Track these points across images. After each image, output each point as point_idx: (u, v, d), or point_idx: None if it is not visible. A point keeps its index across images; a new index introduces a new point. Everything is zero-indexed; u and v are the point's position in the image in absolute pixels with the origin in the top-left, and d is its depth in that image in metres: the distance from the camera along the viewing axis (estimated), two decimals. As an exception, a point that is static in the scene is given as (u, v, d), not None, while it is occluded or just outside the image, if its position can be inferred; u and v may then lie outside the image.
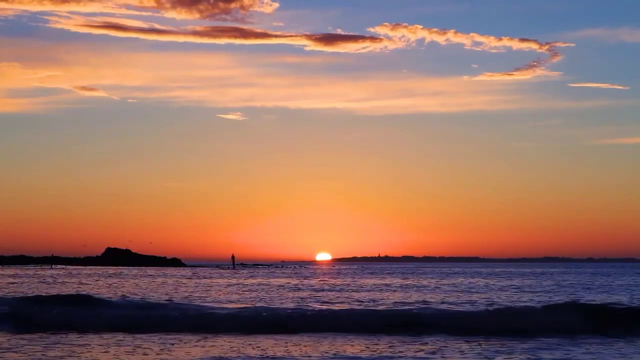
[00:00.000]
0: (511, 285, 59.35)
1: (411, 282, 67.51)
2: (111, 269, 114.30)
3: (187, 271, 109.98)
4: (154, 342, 22.20)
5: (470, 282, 65.41)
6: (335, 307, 33.78)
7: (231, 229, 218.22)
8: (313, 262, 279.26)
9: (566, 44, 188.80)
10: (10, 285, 57.08)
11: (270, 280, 72.96)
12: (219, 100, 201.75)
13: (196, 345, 21.49)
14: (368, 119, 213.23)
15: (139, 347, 21.23)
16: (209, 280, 70.49)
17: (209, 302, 37.63)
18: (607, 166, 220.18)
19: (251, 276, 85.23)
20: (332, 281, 68.88)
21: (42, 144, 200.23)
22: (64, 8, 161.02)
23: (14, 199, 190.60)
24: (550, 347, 21.08)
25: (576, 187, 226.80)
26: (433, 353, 20.11)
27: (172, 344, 21.73)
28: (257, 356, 19.57)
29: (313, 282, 67.55)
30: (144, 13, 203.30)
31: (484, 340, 22.40)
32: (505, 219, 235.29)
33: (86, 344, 21.59)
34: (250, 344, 21.75)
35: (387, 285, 60.09)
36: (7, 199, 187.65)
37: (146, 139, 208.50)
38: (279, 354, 19.81)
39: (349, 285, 60.30)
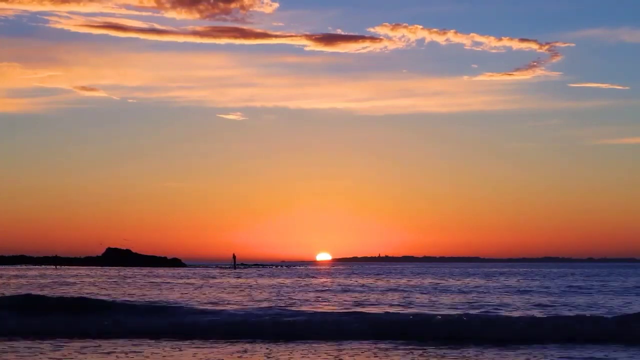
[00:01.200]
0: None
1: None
2: (112, 270, 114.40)
3: (179, 271, 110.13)
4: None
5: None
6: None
7: (231, 229, 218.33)
8: (313, 262, 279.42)
9: (566, 44, 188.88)
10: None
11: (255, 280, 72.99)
12: (219, 100, 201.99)
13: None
14: (368, 119, 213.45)
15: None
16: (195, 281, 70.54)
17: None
18: (607, 166, 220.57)
19: (238, 276, 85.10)
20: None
21: (42, 144, 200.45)
22: (64, 8, 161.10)
23: (14, 199, 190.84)
24: None
25: (576, 187, 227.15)
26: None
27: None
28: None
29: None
30: (144, 13, 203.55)
31: None
32: (505, 219, 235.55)
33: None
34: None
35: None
36: (7, 199, 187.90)
37: (146, 139, 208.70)
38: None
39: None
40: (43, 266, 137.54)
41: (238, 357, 19.96)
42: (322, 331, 24.69)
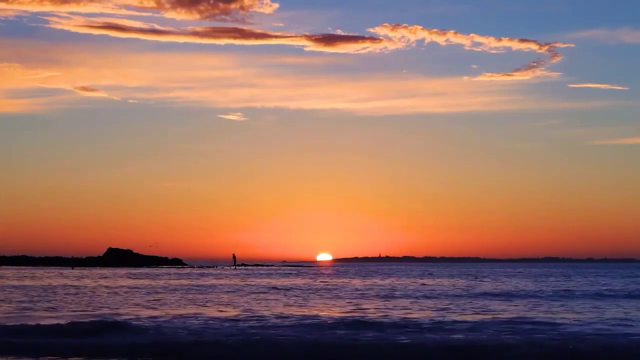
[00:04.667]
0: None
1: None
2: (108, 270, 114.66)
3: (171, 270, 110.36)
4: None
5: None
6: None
7: (232, 229, 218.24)
8: (313, 263, 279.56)
9: (566, 45, 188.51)
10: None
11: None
12: (220, 101, 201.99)
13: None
14: (368, 119, 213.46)
15: None
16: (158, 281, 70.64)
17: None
18: (607, 167, 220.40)
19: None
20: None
21: (42, 144, 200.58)
22: (64, 9, 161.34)
23: (14, 199, 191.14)
24: None
25: (576, 187, 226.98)
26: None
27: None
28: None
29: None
30: (144, 14, 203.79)
31: None
32: (506, 219, 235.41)
33: None
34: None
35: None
36: (7, 199, 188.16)
37: (147, 140, 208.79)
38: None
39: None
40: (51, 267, 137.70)
41: None
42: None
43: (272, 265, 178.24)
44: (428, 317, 32.26)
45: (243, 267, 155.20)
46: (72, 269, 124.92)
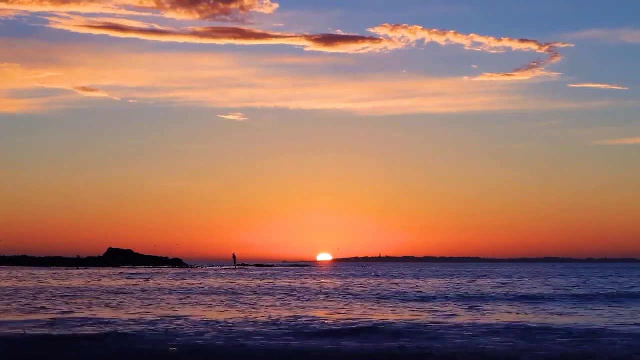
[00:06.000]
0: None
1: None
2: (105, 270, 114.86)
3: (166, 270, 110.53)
4: None
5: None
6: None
7: (233, 229, 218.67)
8: (313, 263, 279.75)
9: (566, 45, 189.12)
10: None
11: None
12: (220, 101, 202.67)
13: None
14: (368, 119, 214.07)
15: None
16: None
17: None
18: (607, 167, 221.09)
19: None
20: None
21: (42, 144, 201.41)
22: (64, 9, 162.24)
23: (15, 199, 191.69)
24: None
25: (576, 187, 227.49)
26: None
27: None
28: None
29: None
30: (144, 14, 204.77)
31: None
32: (506, 219, 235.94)
33: None
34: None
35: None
36: (7, 199, 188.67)
37: (147, 140, 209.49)
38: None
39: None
40: (54, 267, 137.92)
41: None
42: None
43: (272, 266, 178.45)
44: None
45: (243, 267, 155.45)
46: (77, 268, 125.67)
